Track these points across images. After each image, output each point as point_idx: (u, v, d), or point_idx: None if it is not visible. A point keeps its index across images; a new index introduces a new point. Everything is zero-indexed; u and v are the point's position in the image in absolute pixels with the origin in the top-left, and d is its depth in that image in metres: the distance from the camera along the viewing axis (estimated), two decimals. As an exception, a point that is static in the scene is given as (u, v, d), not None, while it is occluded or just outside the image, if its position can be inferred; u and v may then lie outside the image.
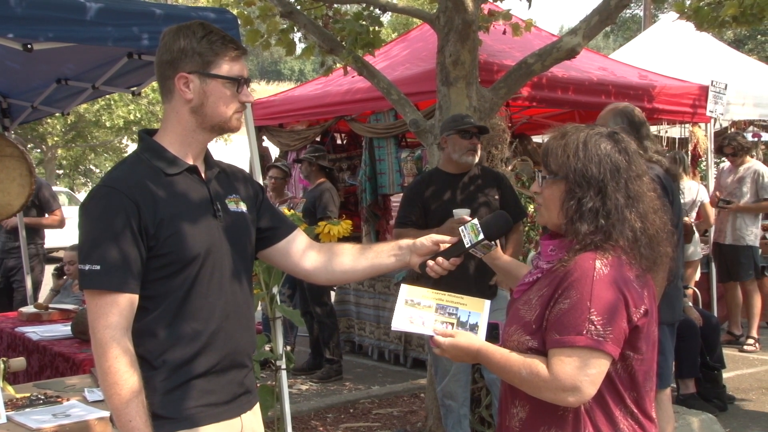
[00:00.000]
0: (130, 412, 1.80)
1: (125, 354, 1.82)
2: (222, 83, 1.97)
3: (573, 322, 1.81)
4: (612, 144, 1.95)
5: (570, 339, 1.81)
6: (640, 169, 1.96)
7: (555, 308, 1.86)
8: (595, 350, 1.80)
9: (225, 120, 2.00)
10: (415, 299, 2.00)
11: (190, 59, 1.95)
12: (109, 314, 1.82)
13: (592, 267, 1.84)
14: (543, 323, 1.88)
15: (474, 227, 2.09)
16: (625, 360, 1.89)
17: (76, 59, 4.42)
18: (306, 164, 6.66)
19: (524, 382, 1.87)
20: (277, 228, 2.21)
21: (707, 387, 5.50)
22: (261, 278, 3.83)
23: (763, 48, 24.97)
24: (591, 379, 1.81)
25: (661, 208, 1.98)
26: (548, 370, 1.82)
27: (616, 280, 1.84)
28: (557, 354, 1.83)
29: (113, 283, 1.82)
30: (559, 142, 1.97)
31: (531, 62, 4.71)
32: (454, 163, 4.28)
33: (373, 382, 6.42)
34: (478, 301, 2.03)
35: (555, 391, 1.82)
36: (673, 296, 3.78)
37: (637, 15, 30.46)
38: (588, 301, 1.81)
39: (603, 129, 1.99)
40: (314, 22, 5.22)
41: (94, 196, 1.90)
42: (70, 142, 24.20)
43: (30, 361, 4.32)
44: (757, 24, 5.19)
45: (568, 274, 1.86)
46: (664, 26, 10.45)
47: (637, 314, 1.86)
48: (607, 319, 1.81)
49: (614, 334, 1.81)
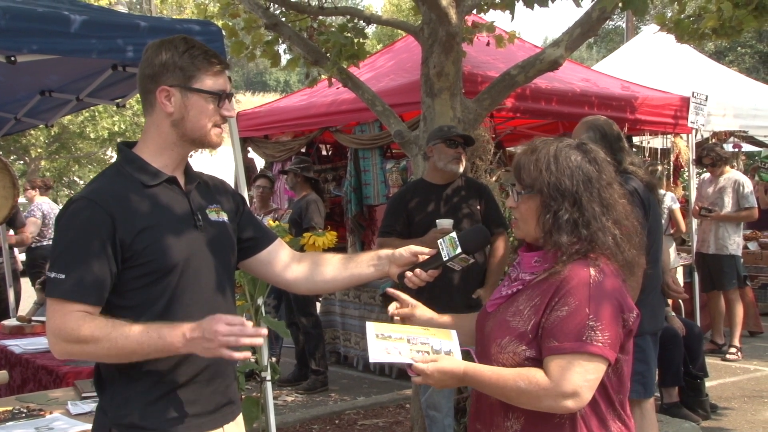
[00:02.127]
0: (139, 341, 1.81)
1: (82, 327, 1.82)
2: (203, 98, 1.98)
3: (573, 329, 1.83)
4: (582, 155, 1.98)
5: (570, 345, 1.83)
6: (610, 176, 2.00)
7: (552, 316, 1.87)
8: (595, 356, 1.83)
9: (204, 134, 2.01)
10: (384, 333, 1.98)
11: (172, 73, 1.96)
12: (66, 323, 1.83)
13: (588, 274, 1.87)
14: (539, 332, 1.89)
15: (452, 240, 2.10)
16: (617, 363, 1.92)
17: (60, 71, 4.41)
18: (291, 175, 6.66)
19: (523, 394, 1.85)
20: (258, 238, 2.22)
21: (690, 396, 5.53)
22: (246, 289, 3.82)
23: (743, 60, 25.24)
24: (590, 385, 1.83)
25: (631, 213, 2.02)
26: (547, 377, 1.83)
27: (612, 287, 1.88)
28: (556, 360, 1.84)
29: (75, 293, 1.83)
30: (530, 158, 1.99)
31: (514, 74, 4.75)
32: (439, 173, 4.30)
33: (359, 393, 6.41)
34: (444, 331, 2.05)
35: (556, 397, 1.82)
36: (655, 305, 3.81)
37: (620, 27, 30.69)
38: (587, 308, 1.84)
39: (571, 141, 2.03)
40: (299, 34, 5.24)
41: (71, 208, 1.91)
42: (54, 153, 24.01)
43: (12, 374, 4.28)
44: (737, 36, 5.26)
45: (564, 282, 1.88)
46: (646, 38, 10.56)
47: (631, 318, 1.91)
48: (605, 324, 1.83)
49: (612, 339, 1.84)
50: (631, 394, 2.19)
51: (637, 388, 3.58)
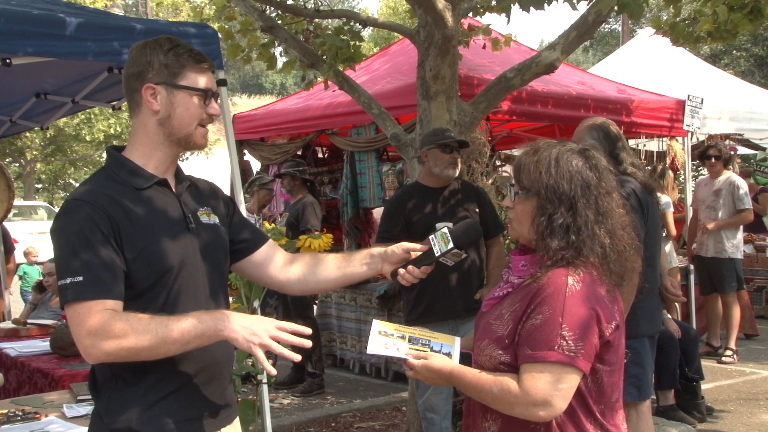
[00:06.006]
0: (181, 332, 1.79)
1: (119, 322, 1.77)
2: (189, 95, 1.97)
3: (545, 338, 1.83)
4: (583, 161, 1.97)
5: (542, 354, 1.82)
6: (610, 185, 1.99)
7: (527, 323, 1.87)
8: (567, 365, 1.81)
9: (190, 133, 2.00)
10: (387, 331, 2.02)
11: (157, 71, 1.96)
12: (100, 321, 1.77)
13: (565, 283, 1.86)
14: (515, 338, 1.90)
15: (444, 236, 2.10)
16: (596, 373, 1.91)
17: (56, 74, 4.40)
18: (289, 178, 6.66)
19: (496, 400, 1.88)
20: (250, 240, 2.21)
21: (686, 398, 5.53)
22: (242, 292, 3.82)
23: (738, 63, 25.32)
24: (562, 394, 1.83)
25: (629, 224, 2.00)
26: (519, 385, 1.84)
27: (588, 296, 1.86)
28: (529, 369, 1.84)
29: (98, 291, 1.80)
30: (531, 158, 1.99)
31: (510, 77, 4.75)
32: (434, 177, 4.31)
33: (355, 396, 6.40)
34: (448, 337, 2.09)
35: (526, 406, 1.83)
36: (653, 308, 3.80)
37: (616, 30, 30.80)
38: (560, 317, 1.82)
39: (574, 145, 2.02)
40: (295, 37, 5.24)
41: (66, 210, 1.89)
42: (50, 156, 24.00)
43: (8, 377, 4.27)
44: (732, 40, 5.28)
45: (540, 290, 1.88)
46: (642, 41, 10.60)
47: (609, 329, 1.88)
48: (578, 334, 1.82)
49: (585, 349, 1.83)
50: (625, 397, 2.19)
51: (631, 390, 3.57)
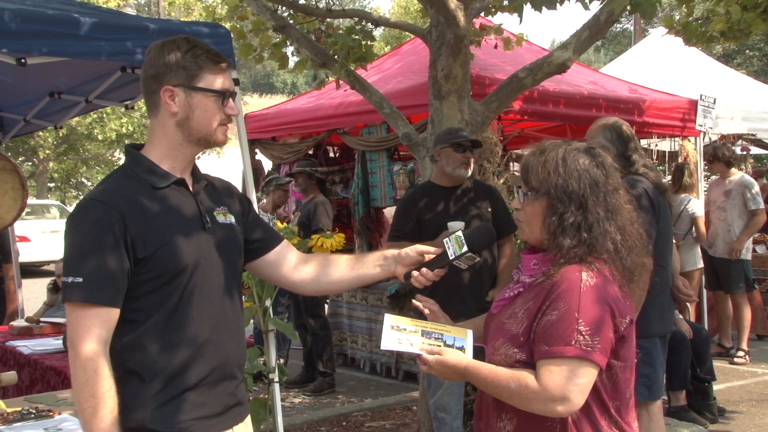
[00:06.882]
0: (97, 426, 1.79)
1: (104, 369, 1.81)
2: (207, 96, 1.98)
3: (561, 333, 1.84)
4: (589, 159, 1.99)
5: (559, 350, 1.83)
6: (617, 182, 2.01)
7: (543, 320, 1.88)
8: (584, 360, 1.83)
9: (210, 133, 2.01)
10: (400, 326, 2.02)
11: (175, 73, 1.96)
12: (90, 327, 1.82)
13: (579, 279, 1.87)
14: (531, 335, 1.90)
15: (458, 239, 2.11)
16: (611, 369, 1.92)
17: (70, 73, 4.43)
18: (305, 176, 6.67)
19: (513, 395, 1.88)
20: (264, 240, 2.22)
21: (698, 399, 5.51)
22: (254, 291, 3.83)
23: (751, 62, 25.18)
24: (580, 389, 1.83)
25: (637, 220, 2.02)
26: (537, 381, 1.84)
27: (603, 292, 1.87)
28: (546, 365, 1.85)
29: (95, 296, 1.82)
30: (538, 159, 2.00)
31: (522, 76, 4.75)
32: (447, 176, 4.30)
33: (366, 395, 6.41)
34: (461, 329, 2.07)
35: (544, 401, 1.83)
36: (664, 308, 3.79)
37: (628, 30, 30.67)
38: (576, 312, 1.84)
39: (580, 144, 2.04)
40: (307, 36, 5.25)
41: (81, 209, 1.91)
42: (62, 155, 24.12)
43: (21, 375, 4.30)
44: (745, 39, 5.26)
45: (555, 287, 1.89)
46: (654, 41, 10.55)
47: (623, 324, 1.90)
48: (594, 329, 1.83)
49: (602, 344, 1.84)
50: (636, 397, 2.19)
51: (642, 390, 3.57)
